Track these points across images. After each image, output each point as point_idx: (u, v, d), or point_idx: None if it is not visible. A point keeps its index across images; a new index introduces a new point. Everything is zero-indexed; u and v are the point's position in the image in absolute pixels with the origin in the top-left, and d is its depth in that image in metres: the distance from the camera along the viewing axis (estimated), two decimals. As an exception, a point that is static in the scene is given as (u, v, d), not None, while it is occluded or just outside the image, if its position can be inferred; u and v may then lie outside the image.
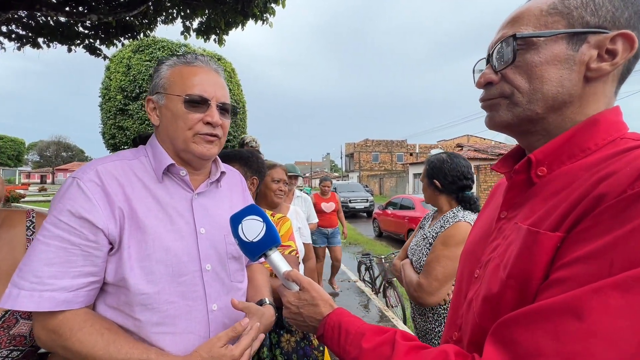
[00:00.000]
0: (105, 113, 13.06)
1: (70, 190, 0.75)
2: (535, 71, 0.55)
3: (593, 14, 0.52)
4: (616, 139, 0.52)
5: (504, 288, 0.52)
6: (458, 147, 24.61)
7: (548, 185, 0.55)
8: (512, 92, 0.57)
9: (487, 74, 0.61)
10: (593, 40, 0.52)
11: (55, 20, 4.14)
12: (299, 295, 0.74)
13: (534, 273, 0.48)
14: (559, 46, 0.54)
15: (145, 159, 0.87)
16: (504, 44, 0.57)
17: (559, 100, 0.55)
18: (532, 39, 0.55)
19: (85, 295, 0.74)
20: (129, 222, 0.78)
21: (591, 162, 0.51)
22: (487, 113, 0.63)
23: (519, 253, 0.51)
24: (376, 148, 41.97)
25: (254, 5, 3.54)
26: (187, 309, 0.81)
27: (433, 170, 1.53)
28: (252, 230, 0.78)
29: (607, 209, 0.43)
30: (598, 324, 0.38)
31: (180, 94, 0.83)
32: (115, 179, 0.80)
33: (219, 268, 0.89)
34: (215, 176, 0.95)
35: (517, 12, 0.59)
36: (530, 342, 0.42)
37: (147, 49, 12.54)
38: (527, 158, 0.58)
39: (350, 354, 0.61)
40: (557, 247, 0.47)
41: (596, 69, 0.53)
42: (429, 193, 1.58)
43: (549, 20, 0.54)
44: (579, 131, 0.54)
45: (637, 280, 0.38)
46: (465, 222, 1.38)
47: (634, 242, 0.39)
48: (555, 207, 0.50)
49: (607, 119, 0.54)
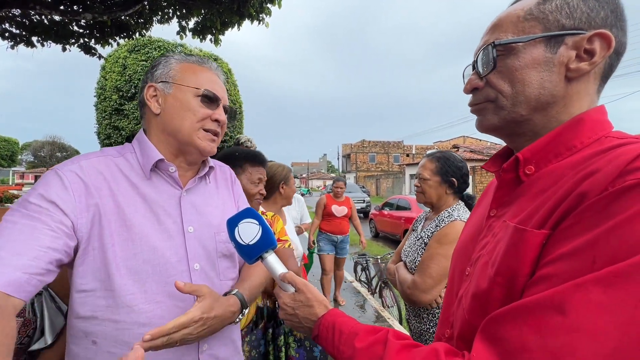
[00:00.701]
0: (101, 113, 12.96)
1: (48, 178, 0.74)
2: (517, 75, 0.56)
3: (568, 17, 0.54)
4: (601, 138, 0.53)
5: (492, 285, 0.52)
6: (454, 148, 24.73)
7: (535, 183, 0.56)
8: (497, 97, 0.59)
9: (473, 80, 0.63)
10: (570, 42, 0.54)
11: (50, 19, 4.11)
12: (294, 297, 0.75)
13: (521, 270, 0.49)
14: (538, 50, 0.55)
15: (131, 155, 0.86)
16: (485, 51, 0.59)
17: (542, 101, 0.56)
18: (512, 45, 0.56)
19: (35, 285, 0.65)
20: (111, 219, 0.75)
21: (576, 160, 0.52)
22: (477, 117, 0.65)
23: (506, 250, 0.52)
24: (373, 149, 42.07)
25: (249, 5, 3.54)
26: (174, 309, 0.80)
27: (452, 169, 1.48)
28: (248, 233, 0.79)
29: (590, 207, 0.44)
30: (580, 319, 0.39)
31: (197, 87, 0.85)
32: (100, 174, 0.78)
33: (207, 267, 0.88)
34: (202, 172, 0.95)
35: (497, 19, 0.61)
36: (517, 338, 0.43)
37: (142, 49, 12.47)
38: (515, 157, 0.59)
39: (344, 353, 0.61)
40: (542, 244, 0.47)
41: (575, 69, 0.54)
42: (437, 192, 1.49)
43: (526, 25, 0.56)
44: (565, 130, 0.56)
45: (618, 275, 0.39)
46: (460, 221, 1.38)
47: (615, 239, 0.40)
48: (542, 205, 0.51)
49: (592, 117, 0.55)
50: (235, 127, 13.86)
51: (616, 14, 0.54)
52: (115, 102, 12.36)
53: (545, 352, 0.40)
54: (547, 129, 0.58)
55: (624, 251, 0.39)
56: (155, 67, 0.89)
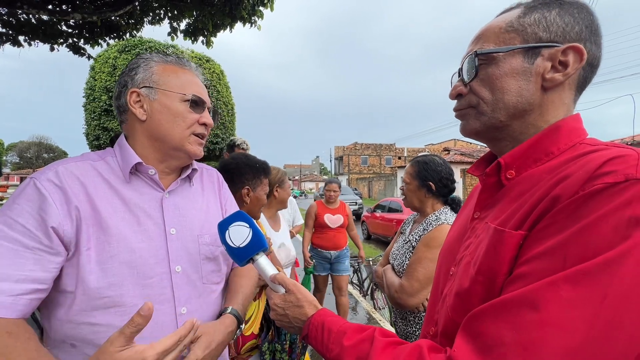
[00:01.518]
0: (90, 113, 12.76)
1: (27, 191, 0.73)
2: (497, 83, 0.60)
3: (545, 30, 0.58)
4: (576, 144, 0.56)
5: (473, 284, 0.55)
6: (445, 151, 25.00)
7: (515, 187, 0.59)
8: (478, 103, 0.62)
9: (457, 87, 0.66)
10: (546, 54, 0.57)
11: (37, 18, 4.04)
12: (284, 298, 0.76)
13: (500, 269, 0.51)
14: (516, 60, 0.58)
15: (112, 159, 0.85)
16: (469, 60, 0.63)
17: (520, 108, 0.59)
18: (493, 55, 0.60)
19: (25, 303, 0.68)
20: (89, 223, 0.75)
21: (553, 165, 0.55)
22: (460, 122, 0.68)
23: (486, 250, 0.54)
24: (365, 151, 42.27)
25: (242, 7, 3.54)
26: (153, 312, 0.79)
27: (427, 172, 1.50)
28: (239, 236, 0.79)
29: (562, 210, 0.46)
30: (552, 315, 0.41)
31: (183, 92, 0.85)
32: (77, 179, 0.77)
33: (190, 270, 0.87)
34: (185, 173, 0.94)
35: (481, 30, 0.65)
36: (494, 333, 0.45)
37: (133, 49, 12.33)
38: (497, 162, 0.62)
39: (332, 351, 0.63)
40: (520, 245, 0.50)
41: (550, 79, 0.57)
42: (417, 195, 1.53)
43: (507, 37, 0.60)
44: (544, 136, 0.59)
45: (586, 273, 0.41)
46: (447, 224, 1.39)
47: (584, 239, 0.43)
48: (520, 207, 0.53)
49: (569, 125, 0.58)
50: (228, 128, 13.78)
51: (591, 29, 0.57)
52: (105, 103, 12.19)
53: (519, 345, 0.42)
54: (525, 135, 0.61)
55: (591, 251, 0.42)
56: (134, 70, 0.86)
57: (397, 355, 0.54)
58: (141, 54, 0.90)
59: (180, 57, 0.91)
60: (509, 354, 0.43)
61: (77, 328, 0.74)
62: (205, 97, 0.89)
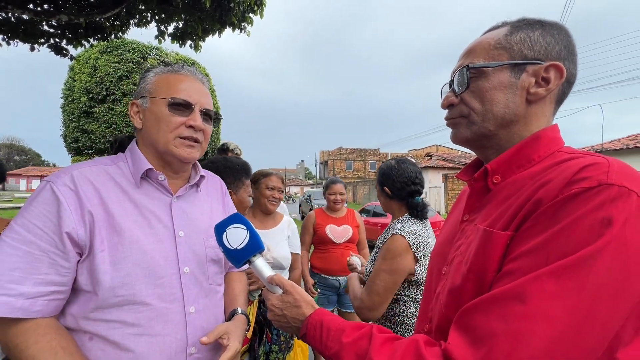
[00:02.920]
0: (68, 115, 12.32)
1: (43, 194, 0.75)
2: (486, 95, 0.65)
3: (530, 49, 0.63)
4: (554, 152, 0.62)
5: (465, 281, 0.59)
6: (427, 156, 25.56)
7: (501, 191, 0.64)
8: (469, 113, 0.67)
9: (449, 97, 0.71)
10: (531, 70, 0.63)
11: (17, 17, 3.92)
12: (282, 298, 0.77)
13: (489, 267, 0.56)
14: (504, 75, 0.64)
15: (123, 164, 0.89)
16: (460, 73, 0.68)
17: (507, 119, 0.65)
18: (483, 69, 0.65)
19: (43, 304, 0.72)
20: (102, 226, 0.78)
21: (534, 171, 0.61)
22: (451, 130, 0.73)
23: (477, 250, 0.59)
24: (350, 156, 42.60)
25: (232, 14, 3.57)
26: (164, 311, 0.82)
27: (382, 177, 1.53)
28: (236, 238, 0.81)
29: (544, 212, 0.51)
30: (537, 306, 0.46)
31: (166, 96, 0.86)
32: (91, 183, 0.80)
33: (197, 271, 0.90)
34: (194, 180, 0.97)
35: (472, 45, 0.70)
36: (485, 325, 0.49)
37: (115, 50, 12.04)
38: (484, 168, 0.67)
39: (331, 349, 0.65)
40: (507, 244, 0.55)
41: (534, 94, 0.63)
42: (382, 200, 1.57)
43: (495, 53, 0.65)
44: (525, 145, 0.64)
45: (566, 268, 0.46)
46: (400, 235, 1.36)
47: (564, 238, 0.48)
48: (506, 210, 0.58)
49: (548, 135, 0.64)
50: (212, 132, 13.61)
51: (568, 49, 0.64)
52: (85, 105, 11.81)
53: (509, 336, 0.46)
54: (510, 143, 0.66)
55: (570, 248, 0.47)
56: (138, 83, 0.92)
57: (395, 350, 0.57)
58: (149, 67, 0.94)
59: (179, 64, 0.93)
60: (499, 344, 0.46)
61: (94, 324, 0.77)
62: (197, 99, 0.89)
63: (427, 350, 0.53)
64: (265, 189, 1.95)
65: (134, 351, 0.77)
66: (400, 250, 1.36)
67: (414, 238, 1.37)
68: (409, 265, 1.35)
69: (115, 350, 0.76)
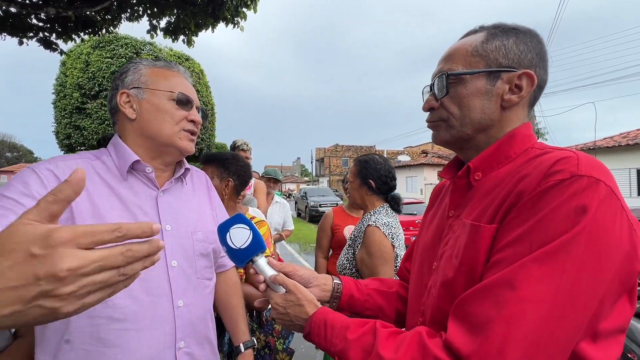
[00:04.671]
0: (60, 111, 12.14)
1: (24, 174, 0.75)
2: (464, 101, 0.68)
3: (504, 57, 0.66)
4: (528, 148, 0.66)
5: (457, 274, 0.62)
6: (423, 153, 25.68)
7: (482, 186, 0.68)
8: (448, 117, 0.71)
9: (430, 101, 0.74)
10: (505, 77, 0.66)
11: (4, 10, 3.84)
12: (285, 297, 0.78)
13: (479, 258, 0.59)
14: (481, 82, 0.67)
15: (107, 158, 0.88)
16: (440, 78, 0.70)
17: (483, 124, 0.68)
18: (461, 76, 0.68)
19: None
20: (86, 218, 0.77)
21: (512, 167, 0.64)
22: (432, 131, 0.77)
23: (466, 244, 0.62)
24: (346, 153, 42.64)
25: (225, 8, 3.53)
26: (151, 305, 0.81)
27: (368, 170, 1.56)
28: (240, 238, 0.81)
29: (524, 204, 0.55)
30: (526, 291, 0.50)
31: (171, 91, 0.88)
32: None
33: (185, 265, 0.90)
34: (179, 172, 0.97)
35: (450, 50, 0.72)
36: (480, 313, 0.52)
37: (108, 46, 11.87)
38: (467, 166, 0.70)
39: (337, 346, 0.66)
40: (493, 236, 0.58)
41: (508, 100, 0.67)
42: (359, 193, 1.58)
43: (472, 60, 0.67)
44: (502, 143, 0.68)
45: (548, 254, 0.50)
46: (375, 227, 1.43)
47: (544, 227, 0.52)
48: (489, 204, 0.62)
49: (522, 132, 0.68)
50: (207, 129, 13.52)
51: (540, 56, 0.67)
52: (77, 100, 11.66)
53: (502, 320, 0.50)
54: (487, 144, 0.70)
55: (550, 236, 0.51)
56: (124, 74, 0.91)
57: (400, 342, 0.59)
58: (132, 60, 0.94)
59: (169, 61, 0.96)
60: (495, 328, 0.50)
61: (77, 320, 0.75)
62: (193, 96, 0.94)
63: (430, 341, 0.56)
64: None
65: (120, 346, 0.76)
66: (378, 238, 1.43)
67: (388, 229, 1.44)
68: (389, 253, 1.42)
69: (99, 347, 0.75)
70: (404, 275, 0.99)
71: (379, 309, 0.90)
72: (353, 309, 0.89)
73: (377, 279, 0.98)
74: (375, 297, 0.91)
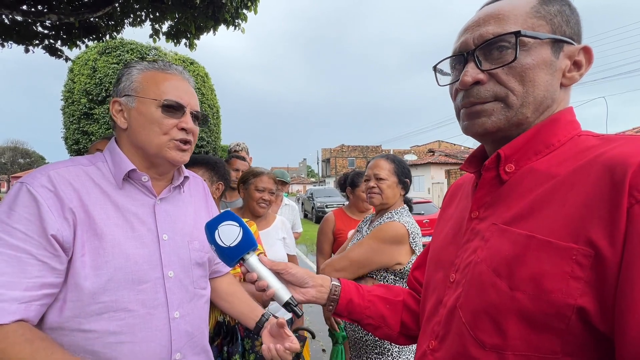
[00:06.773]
0: (68, 117, 12.37)
1: (20, 197, 0.72)
2: (529, 74, 0.52)
3: (567, 24, 0.53)
4: (574, 137, 0.54)
5: (506, 299, 0.48)
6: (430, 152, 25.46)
7: (520, 183, 0.54)
8: (507, 95, 0.54)
9: (475, 73, 0.54)
10: (567, 50, 0.54)
11: (11, 19, 3.89)
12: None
13: (551, 285, 0.44)
14: (546, 51, 0.52)
15: (103, 164, 0.85)
16: (500, 41, 0.52)
17: (544, 104, 0.54)
18: (524, 39, 0.51)
19: (37, 309, 0.69)
20: (83, 228, 0.75)
21: (559, 159, 0.51)
22: (473, 119, 0.57)
23: (523, 262, 0.47)
24: (352, 153, 42.54)
25: (225, 10, 3.52)
26: (147, 317, 0.79)
27: (404, 169, 1.54)
28: (229, 235, 0.78)
29: None
30: None
31: (157, 98, 0.83)
32: (70, 184, 0.77)
33: (182, 275, 0.88)
34: (177, 181, 0.94)
35: (495, 9, 0.55)
36: None
37: (114, 51, 12.05)
38: (497, 153, 0.56)
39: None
40: (593, 264, 0.42)
41: (570, 78, 0.54)
42: (394, 192, 1.50)
43: (535, 23, 0.52)
44: (543, 128, 0.54)
45: None
46: (400, 222, 1.42)
47: None
48: (551, 211, 0.47)
49: (565, 117, 0.55)
50: (213, 131, 13.60)
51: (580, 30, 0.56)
52: (85, 106, 11.85)
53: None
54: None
55: None
56: (119, 80, 0.87)
57: None
58: (129, 63, 0.90)
59: (166, 62, 0.90)
60: None
61: (70, 335, 0.73)
62: (187, 101, 0.87)
63: None
64: (254, 190, 1.82)
65: (115, 359, 0.74)
66: (395, 234, 1.38)
67: (412, 228, 1.42)
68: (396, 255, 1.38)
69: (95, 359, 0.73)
70: (413, 286, 0.87)
71: (381, 319, 0.81)
72: (352, 315, 0.82)
73: (383, 285, 0.89)
74: (378, 304, 0.82)
